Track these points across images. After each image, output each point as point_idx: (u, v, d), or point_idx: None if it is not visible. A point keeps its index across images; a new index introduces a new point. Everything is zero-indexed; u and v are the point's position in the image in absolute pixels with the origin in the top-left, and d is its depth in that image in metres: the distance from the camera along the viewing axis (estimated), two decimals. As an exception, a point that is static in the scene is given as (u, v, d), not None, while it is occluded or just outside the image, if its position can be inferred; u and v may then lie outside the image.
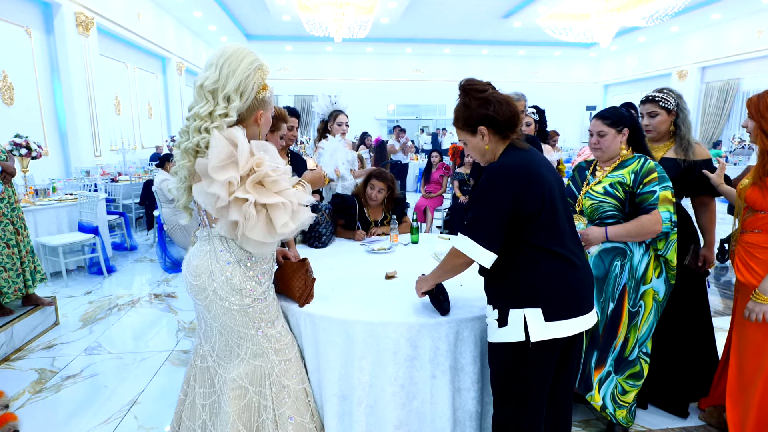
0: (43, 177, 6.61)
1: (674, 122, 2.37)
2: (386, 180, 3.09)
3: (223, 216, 1.46)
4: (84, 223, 4.94)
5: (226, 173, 1.40)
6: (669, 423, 2.39)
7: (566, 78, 18.62)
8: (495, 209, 1.48)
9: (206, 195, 1.43)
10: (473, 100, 1.58)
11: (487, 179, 1.53)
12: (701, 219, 2.42)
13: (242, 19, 13.10)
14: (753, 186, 1.98)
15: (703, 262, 2.38)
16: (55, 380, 2.87)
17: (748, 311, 1.92)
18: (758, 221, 1.98)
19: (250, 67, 1.51)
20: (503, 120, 1.56)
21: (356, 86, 16.50)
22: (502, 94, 1.60)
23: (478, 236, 1.49)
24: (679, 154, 2.34)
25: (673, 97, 2.34)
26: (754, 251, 1.98)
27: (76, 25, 7.51)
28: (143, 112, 10.90)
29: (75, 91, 7.48)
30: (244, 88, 1.50)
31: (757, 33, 11.53)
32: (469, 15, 12.53)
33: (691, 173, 2.31)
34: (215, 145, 1.42)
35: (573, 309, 1.54)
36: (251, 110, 1.58)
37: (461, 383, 1.78)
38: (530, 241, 1.52)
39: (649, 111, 2.37)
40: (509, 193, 1.48)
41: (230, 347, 1.66)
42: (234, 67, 1.49)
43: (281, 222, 1.45)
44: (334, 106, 3.89)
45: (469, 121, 1.59)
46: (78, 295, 4.36)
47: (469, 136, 1.62)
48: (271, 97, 1.65)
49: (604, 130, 2.12)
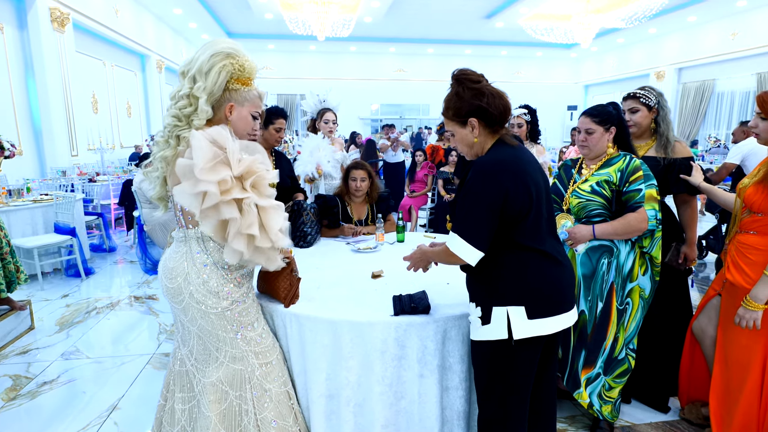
0: (17, 177, 6.41)
1: (654, 119, 2.40)
2: (364, 167, 3.10)
3: (209, 217, 1.41)
4: (60, 225, 4.80)
5: (216, 174, 1.36)
6: (652, 417, 2.42)
7: (548, 78, 18.85)
8: (485, 206, 1.46)
9: (191, 196, 1.39)
10: (467, 90, 1.53)
11: (477, 174, 1.49)
12: (682, 216, 2.46)
13: (223, 17, 12.92)
14: (756, 186, 1.93)
15: (684, 259, 2.42)
16: (30, 387, 2.78)
17: (738, 317, 1.91)
18: (755, 223, 1.96)
19: (220, 51, 1.51)
20: (496, 113, 1.53)
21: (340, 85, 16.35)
22: (495, 87, 1.57)
23: (468, 234, 1.47)
24: (659, 152, 2.37)
25: (654, 95, 2.38)
26: (747, 252, 1.97)
27: (51, 21, 7.31)
28: (122, 110, 10.68)
29: (50, 89, 7.29)
30: (209, 68, 1.49)
31: (731, 35, 11.82)
32: (452, 15, 12.58)
33: (671, 171, 2.34)
34: (198, 147, 1.37)
35: (555, 307, 1.53)
36: (220, 102, 1.55)
37: (449, 382, 1.77)
38: (516, 239, 1.50)
39: (630, 107, 2.41)
40: (500, 189, 1.45)
41: (209, 351, 1.62)
42: (205, 50, 1.50)
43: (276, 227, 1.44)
44: (322, 104, 3.85)
45: (461, 111, 1.55)
46: (54, 299, 4.24)
47: (459, 128, 1.58)
48: (254, 97, 1.62)
49: (593, 128, 2.13)
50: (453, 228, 1.52)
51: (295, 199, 2.97)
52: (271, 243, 1.44)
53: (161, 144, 1.56)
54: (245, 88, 1.58)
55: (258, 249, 1.45)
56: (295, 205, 2.81)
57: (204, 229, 1.45)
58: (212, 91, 1.51)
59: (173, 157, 1.53)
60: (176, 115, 1.52)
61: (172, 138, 1.53)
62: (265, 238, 1.43)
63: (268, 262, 1.51)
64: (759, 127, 1.95)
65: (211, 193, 1.36)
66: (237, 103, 1.57)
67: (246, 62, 1.56)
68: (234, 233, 1.41)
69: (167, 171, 1.56)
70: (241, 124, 1.60)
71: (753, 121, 1.97)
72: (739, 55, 11.75)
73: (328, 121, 3.75)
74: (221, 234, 1.44)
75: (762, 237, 1.95)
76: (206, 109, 1.50)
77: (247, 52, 1.59)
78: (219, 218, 1.40)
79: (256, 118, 1.66)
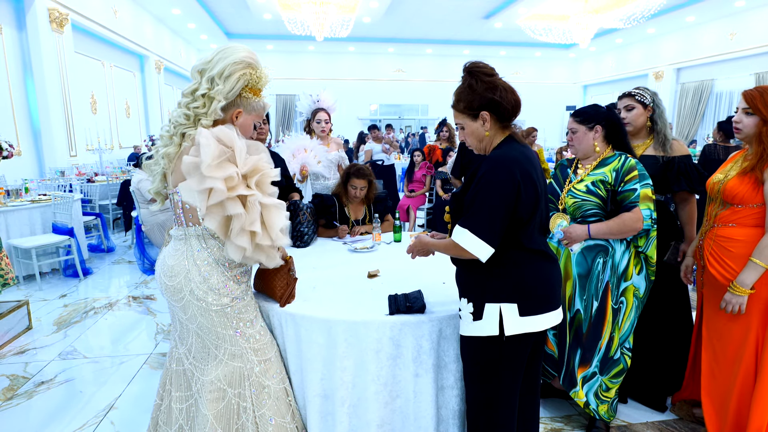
0: (15, 177, 6.42)
1: (651, 118, 2.42)
2: (365, 176, 3.06)
3: (215, 213, 1.48)
4: (58, 225, 4.80)
5: (223, 171, 1.42)
6: (648, 417, 2.42)
7: (546, 78, 18.85)
8: (499, 200, 1.43)
9: (197, 192, 1.45)
10: (480, 83, 1.51)
11: (492, 168, 1.46)
12: (681, 215, 2.46)
13: (222, 17, 12.92)
14: (740, 177, 1.95)
15: (683, 257, 2.41)
16: (28, 386, 2.78)
17: (725, 302, 1.94)
18: (735, 215, 1.99)
19: (242, 60, 1.57)
20: (508, 107, 1.52)
21: (338, 86, 16.41)
22: (507, 82, 1.55)
23: (480, 229, 1.44)
24: (657, 151, 2.39)
25: (648, 94, 2.41)
26: (728, 245, 1.99)
27: (50, 22, 7.31)
28: (121, 111, 10.67)
29: (49, 90, 7.28)
30: (229, 74, 1.54)
31: (730, 35, 11.84)
32: (451, 15, 12.59)
33: (670, 169, 2.35)
34: (206, 144, 1.42)
35: (546, 304, 1.54)
36: (230, 106, 1.61)
37: (444, 381, 1.78)
38: (518, 238, 1.51)
39: (625, 105, 2.43)
40: (514, 184, 1.43)
41: (207, 349, 1.63)
42: (227, 55, 1.55)
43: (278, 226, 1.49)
44: (316, 104, 3.84)
45: (473, 104, 1.53)
46: (52, 299, 4.24)
47: (469, 120, 1.56)
48: (260, 107, 1.68)
49: (575, 127, 2.16)
50: (462, 223, 1.48)
51: (291, 198, 2.97)
52: (271, 241, 1.50)
53: (165, 139, 1.60)
54: (255, 98, 1.65)
55: (258, 246, 1.50)
56: (292, 204, 2.82)
57: (208, 224, 1.51)
58: (227, 96, 1.56)
59: (176, 154, 1.57)
60: (187, 113, 1.56)
61: (177, 135, 1.57)
62: (266, 235, 1.48)
63: (268, 259, 1.57)
64: (743, 122, 1.95)
65: (217, 189, 1.41)
66: (245, 111, 1.64)
67: (263, 75, 1.63)
68: (238, 230, 1.45)
69: (169, 168, 1.60)
70: (242, 130, 1.65)
71: (737, 116, 1.98)
72: (738, 55, 11.76)
73: (320, 121, 3.75)
74: (224, 230, 1.49)
75: (742, 228, 1.97)
76: (219, 111, 1.56)
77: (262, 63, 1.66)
78: (224, 214, 1.46)
79: (256, 128, 1.74)
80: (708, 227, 2.11)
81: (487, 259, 1.47)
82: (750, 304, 1.91)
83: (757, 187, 1.91)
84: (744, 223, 1.97)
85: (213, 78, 1.54)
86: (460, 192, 1.61)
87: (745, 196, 1.94)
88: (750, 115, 1.93)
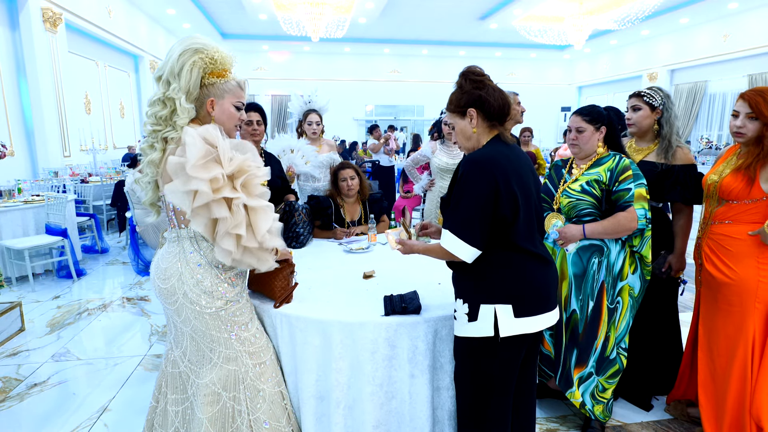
0: (8, 178, 6.35)
1: (658, 121, 2.35)
2: (350, 165, 3.12)
3: (200, 215, 1.41)
4: (52, 226, 4.77)
5: (208, 172, 1.36)
6: (643, 417, 2.43)
7: (541, 79, 18.91)
8: (475, 201, 1.46)
9: (182, 194, 1.39)
10: (468, 81, 1.58)
11: (468, 169, 1.50)
12: (675, 226, 2.39)
13: (217, 17, 12.87)
14: (735, 173, 1.96)
15: (668, 268, 2.36)
16: (20, 388, 2.75)
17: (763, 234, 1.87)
18: (731, 211, 1.99)
19: (186, 49, 1.47)
20: (494, 105, 1.55)
21: (334, 86, 16.40)
22: (497, 85, 1.61)
23: (460, 231, 1.47)
24: (659, 157, 2.32)
25: (660, 96, 2.33)
26: (725, 243, 1.99)
27: (43, 21, 7.25)
28: (115, 111, 10.61)
29: (42, 90, 7.22)
30: (180, 68, 1.47)
31: (723, 37, 11.91)
32: (446, 16, 12.60)
33: (667, 177, 2.29)
34: (192, 144, 1.37)
35: (541, 306, 1.55)
36: (200, 98, 1.53)
37: (440, 382, 1.77)
38: (511, 239, 1.51)
39: (633, 105, 2.38)
40: (490, 183, 1.45)
41: (202, 352, 1.61)
42: (172, 52, 1.48)
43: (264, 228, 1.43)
44: (308, 105, 3.83)
45: (461, 102, 1.58)
46: (45, 300, 4.20)
47: (458, 119, 1.61)
48: (234, 87, 1.58)
49: (583, 126, 2.14)
50: (445, 224, 1.52)
51: (287, 200, 2.96)
52: (257, 243, 1.44)
53: (147, 150, 1.55)
54: (222, 81, 1.55)
55: (247, 249, 1.44)
56: (287, 206, 2.81)
57: (194, 227, 1.45)
58: (189, 90, 1.48)
59: (161, 159, 1.52)
60: (153, 120, 1.51)
61: (158, 142, 1.52)
62: (251, 238, 1.43)
63: (260, 262, 1.50)
64: (747, 127, 1.94)
65: (202, 191, 1.36)
66: (216, 97, 1.55)
67: (216, 54, 1.53)
68: (223, 233, 1.41)
69: (157, 174, 1.55)
70: (224, 117, 1.58)
71: (740, 121, 1.95)
72: (731, 57, 11.83)
73: (311, 123, 3.72)
74: (211, 233, 1.44)
75: (738, 225, 1.98)
76: (188, 107, 1.49)
77: (239, 53, 1.57)
78: (210, 217, 1.41)
79: (240, 108, 1.63)
80: (705, 225, 2.12)
81: (473, 260, 1.49)
82: (746, 303, 1.92)
83: (750, 183, 1.93)
84: (740, 220, 1.98)
85: (167, 80, 1.48)
86: (447, 194, 1.62)
87: (740, 192, 1.95)
88: (754, 120, 1.93)
